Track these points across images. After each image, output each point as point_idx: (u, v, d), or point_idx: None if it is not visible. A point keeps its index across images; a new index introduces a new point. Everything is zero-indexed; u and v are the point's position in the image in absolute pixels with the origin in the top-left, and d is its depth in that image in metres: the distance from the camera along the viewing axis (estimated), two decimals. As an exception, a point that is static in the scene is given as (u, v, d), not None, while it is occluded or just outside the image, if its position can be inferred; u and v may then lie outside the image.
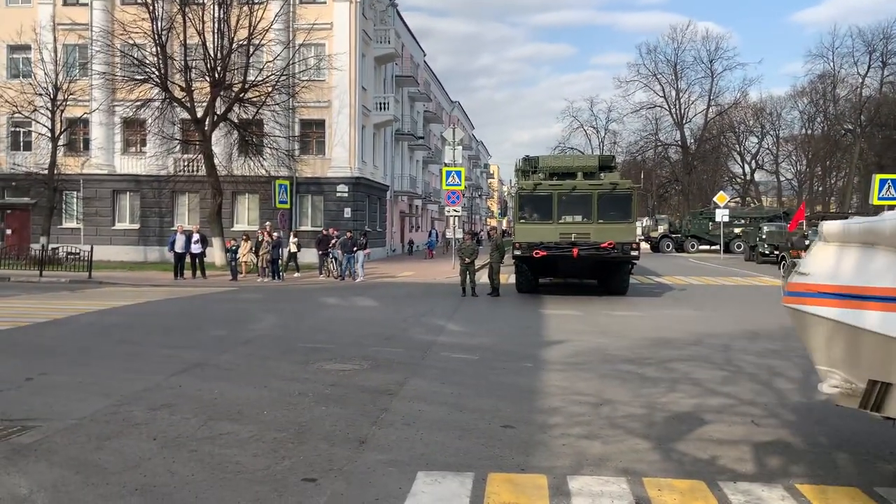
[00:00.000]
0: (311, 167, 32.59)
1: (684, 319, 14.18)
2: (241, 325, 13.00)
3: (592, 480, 5.02)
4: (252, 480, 4.99)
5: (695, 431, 6.30)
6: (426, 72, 54.69)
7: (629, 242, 17.39)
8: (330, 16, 32.53)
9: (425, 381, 8.29)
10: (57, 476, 5.05)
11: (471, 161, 79.52)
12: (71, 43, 32.52)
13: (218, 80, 27.23)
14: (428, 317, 14.43)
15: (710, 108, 67.66)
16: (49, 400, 7.26)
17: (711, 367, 9.26)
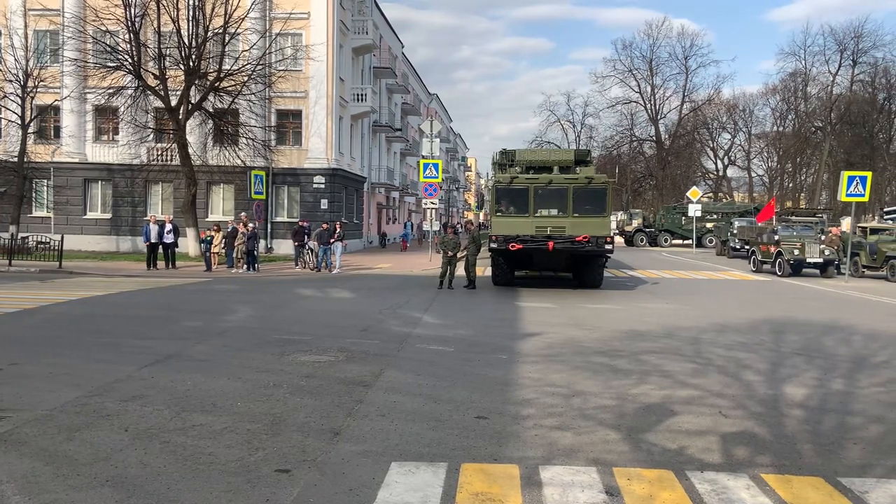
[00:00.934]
0: (287, 158, 32.38)
1: (656, 312, 14.37)
2: (215, 317, 12.91)
3: (563, 470, 5.10)
4: (225, 471, 4.99)
5: (664, 422, 6.42)
6: (404, 64, 54.50)
7: (603, 236, 17.55)
8: (307, 5, 32.26)
9: (401, 372, 8.33)
10: (27, 467, 5.01)
11: (448, 154, 79.54)
12: (42, 29, 31.92)
13: (192, 68, 26.90)
14: (404, 309, 14.46)
15: (685, 104, 68.47)
16: (19, 390, 7.17)
17: (682, 359, 9.42)
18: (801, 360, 9.56)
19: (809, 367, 9.08)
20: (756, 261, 26.19)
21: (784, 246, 24.14)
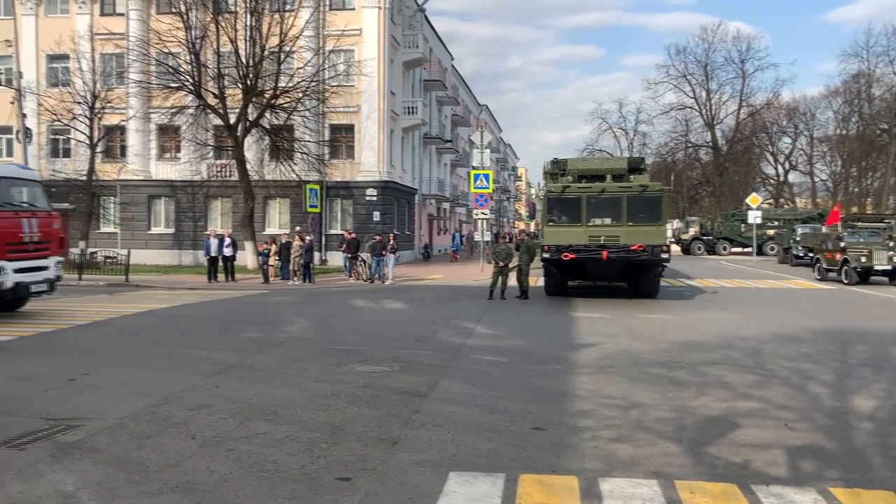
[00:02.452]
0: (340, 171, 32.93)
1: (715, 322, 14.06)
2: (273, 328, 13.22)
3: (624, 482, 5.05)
4: (288, 479, 5.12)
5: (726, 435, 6.29)
6: (454, 75, 54.87)
7: (659, 245, 17.28)
8: (359, 22, 32.86)
9: (455, 382, 8.37)
10: (101, 473, 5.24)
11: (499, 164, 79.52)
12: (108, 52, 33.34)
13: (250, 86, 27.67)
14: (457, 319, 14.51)
15: (742, 108, 66.79)
16: (91, 400, 7.50)
17: (743, 370, 9.19)
18: (869, 370, 9.23)
19: (878, 378, 8.75)
20: (821, 269, 25.35)
21: (850, 253, 23.29)
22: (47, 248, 14.62)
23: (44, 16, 34.50)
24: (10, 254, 13.45)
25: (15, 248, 13.62)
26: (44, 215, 14.60)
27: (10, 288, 13.55)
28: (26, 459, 5.52)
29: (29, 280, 13.96)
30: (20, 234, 13.78)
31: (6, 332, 12.33)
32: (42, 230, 14.33)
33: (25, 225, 13.92)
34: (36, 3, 34.39)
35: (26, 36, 33.00)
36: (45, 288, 14.63)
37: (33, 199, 14.64)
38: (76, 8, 34.13)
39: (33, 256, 14.16)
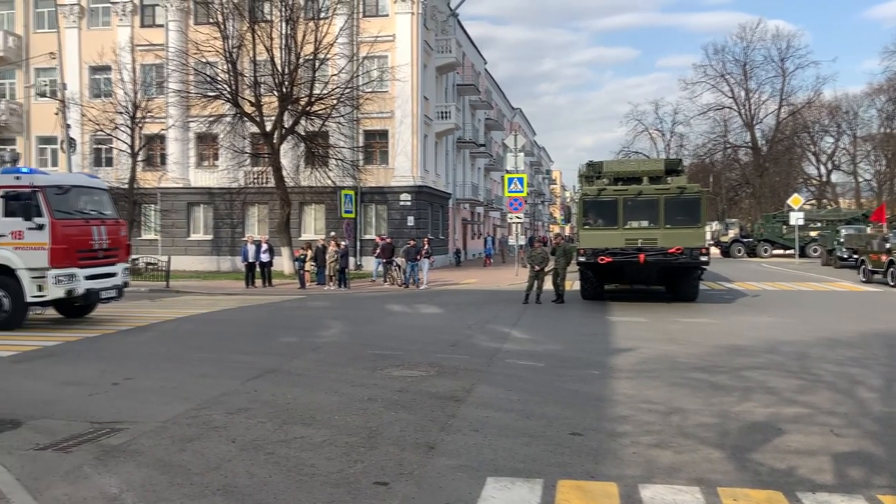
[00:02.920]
0: (374, 177, 33.14)
1: (758, 326, 13.77)
2: (310, 332, 13.33)
3: (665, 489, 4.97)
4: (326, 483, 5.14)
5: (771, 441, 6.14)
6: (487, 79, 54.86)
7: (698, 247, 17.00)
8: (392, 28, 33.07)
9: (492, 387, 8.33)
10: (144, 476, 5.33)
11: (533, 167, 79.24)
12: (148, 63, 34.10)
13: (286, 94, 28.04)
14: (492, 324, 14.46)
15: (782, 107, 65.32)
16: (134, 403, 7.64)
17: (787, 375, 8.98)
18: (920, 376, 8.93)
19: (931, 383, 8.46)
20: (866, 271, 24.64)
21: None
22: (115, 255, 14.97)
23: (86, 28, 35.44)
24: (81, 261, 13.81)
25: (86, 255, 13.97)
26: (111, 223, 14.94)
27: (82, 294, 13.91)
28: (72, 462, 5.64)
29: (99, 286, 14.32)
30: (90, 241, 14.14)
31: (53, 337, 12.67)
32: (110, 237, 14.68)
33: (95, 232, 14.29)
34: (79, 16, 35.36)
35: (70, 48, 33.95)
36: (114, 294, 14.97)
37: (101, 207, 15.00)
38: (117, 20, 35.01)
39: (102, 263, 14.51)
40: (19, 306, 13.49)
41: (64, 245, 13.43)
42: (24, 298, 13.38)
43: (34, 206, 13.29)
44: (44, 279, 13.30)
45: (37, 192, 13.36)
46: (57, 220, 13.42)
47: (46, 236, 13.28)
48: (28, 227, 13.26)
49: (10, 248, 13.38)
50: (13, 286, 13.39)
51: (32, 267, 13.30)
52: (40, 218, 13.28)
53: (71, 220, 13.84)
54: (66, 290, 13.52)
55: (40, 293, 13.38)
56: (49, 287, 13.32)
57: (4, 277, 13.41)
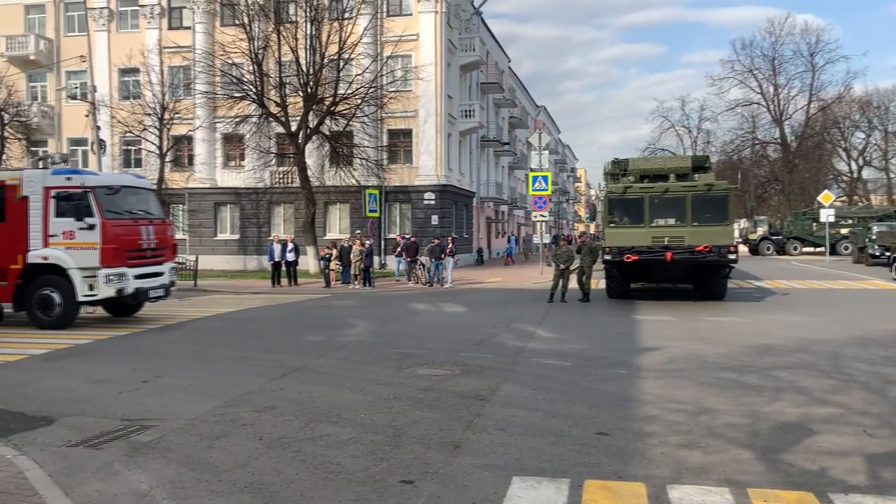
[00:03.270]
0: (398, 176, 33.21)
1: (788, 325, 13.54)
2: (335, 331, 13.40)
3: (693, 490, 4.90)
4: (353, 481, 5.16)
5: (802, 442, 6.03)
6: (511, 77, 54.67)
7: (726, 245, 16.78)
8: (416, 27, 33.10)
9: (517, 386, 8.30)
10: (173, 473, 5.39)
11: (557, 165, 78.78)
12: (175, 64, 34.56)
13: (310, 94, 28.21)
14: (517, 322, 14.41)
15: (812, 103, 64.15)
16: (163, 401, 7.74)
17: (819, 374, 8.82)
18: (957, 376, 8.71)
19: (968, 384, 8.25)
20: (898, 268, 24.12)
21: (931, 251, 22.09)
22: (162, 255, 15.19)
23: (115, 31, 36.01)
24: (130, 260, 13.99)
25: (134, 254, 14.17)
26: (158, 222, 15.17)
27: (131, 293, 14.12)
28: (103, 458, 5.73)
29: (147, 286, 14.52)
30: (139, 241, 14.34)
31: (84, 335, 12.88)
32: (157, 237, 14.89)
33: (143, 232, 14.49)
34: (108, 19, 35.94)
35: (99, 51, 34.52)
36: (162, 293, 15.18)
37: (149, 207, 15.20)
38: (145, 23, 35.50)
39: (150, 262, 14.71)
40: (71, 305, 13.67)
41: (114, 245, 13.59)
42: (76, 297, 13.55)
43: (85, 206, 13.45)
44: (95, 278, 13.48)
45: (88, 192, 13.51)
46: (107, 220, 13.57)
47: (97, 236, 13.44)
48: (79, 227, 13.43)
49: (62, 248, 13.57)
50: (65, 286, 13.56)
51: (83, 266, 13.47)
52: (91, 218, 13.43)
53: (120, 220, 14.00)
54: (116, 289, 13.71)
55: (91, 292, 13.56)
56: (100, 286, 13.50)
57: (56, 277, 13.60)
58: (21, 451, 5.86)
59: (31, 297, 13.73)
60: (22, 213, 13.76)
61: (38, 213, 13.68)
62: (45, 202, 13.69)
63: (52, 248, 13.62)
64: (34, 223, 13.69)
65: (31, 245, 13.70)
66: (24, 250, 13.71)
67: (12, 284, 13.76)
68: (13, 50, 35.78)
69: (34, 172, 14.41)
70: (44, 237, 13.65)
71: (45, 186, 13.74)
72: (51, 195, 13.69)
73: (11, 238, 13.72)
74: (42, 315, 13.69)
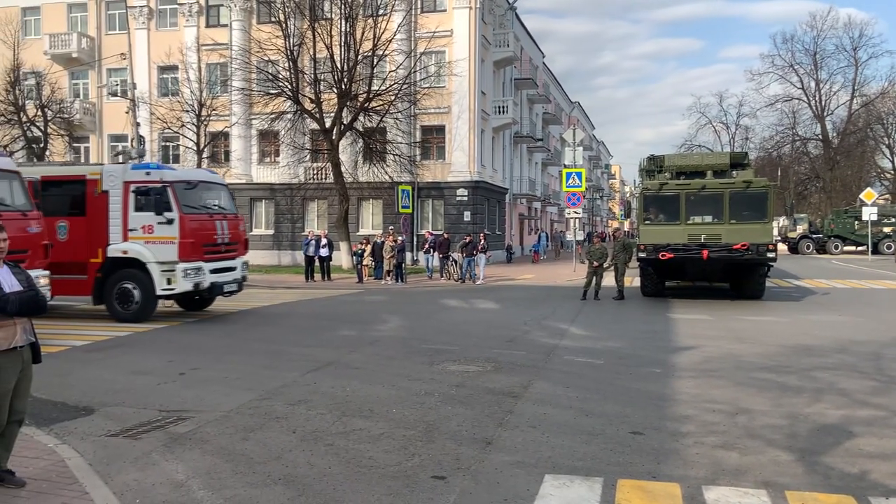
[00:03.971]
0: (431, 172, 33.23)
1: (828, 325, 13.24)
2: (368, 326, 13.48)
3: (730, 491, 4.82)
4: (385, 475, 5.18)
5: (842, 444, 5.89)
6: (545, 73, 54.33)
7: (765, 244, 16.46)
8: (450, 23, 33.06)
9: (549, 384, 8.25)
10: (209, 464, 5.48)
11: (591, 162, 78.13)
12: (213, 62, 35.05)
13: (345, 91, 28.37)
14: (550, 320, 14.33)
15: (855, 98, 62.62)
16: (199, 393, 7.87)
17: (860, 376, 8.61)
18: None
19: None
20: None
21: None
22: (235, 250, 15.27)
23: (155, 29, 36.64)
24: (206, 255, 14.09)
25: (210, 249, 14.27)
26: (232, 217, 15.27)
27: (207, 287, 14.21)
28: (141, 448, 5.85)
29: (222, 280, 14.62)
30: (214, 235, 14.43)
31: (123, 328, 13.14)
32: (231, 232, 14.98)
33: (218, 227, 14.58)
34: (147, 17, 36.59)
35: (139, 49, 35.17)
36: (235, 288, 15.28)
37: (222, 203, 15.31)
38: (184, 21, 36.07)
39: (225, 257, 14.80)
40: (149, 299, 13.80)
41: (192, 239, 13.68)
42: (155, 291, 13.68)
43: (164, 201, 13.55)
44: (173, 272, 13.55)
45: (167, 187, 13.62)
46: (185, 215, 13.67)
47: (176, 230, 13.54)
48: (158, 221, 13.54)
49: (141, 243, 13.72)
50: (143, 279, 13.69)
51: (162, 260, 13.58)
52: (170, 213, 13.53)
53: (197, 214, 14.11)
54: (193, 283, 13.78)
55: (169, 286, 13.64)
56: (178, 280, 13.57)
57: (135, 271, 13.74)
58: (62, 440, 6.00)
59: (110, 290, 13.87)
60: (102, 208, 13.90)
61: (118, 207, 13.82)
62: (124, 197, 13.83)
63: (131, 242, 13.77)
64: (114, 217, 13.84)
65: (110, 239, 13.84)
66: (104, 244, 13.85)
67: (92, 278, 13.89)
68: (56, 48, 36.65)
69: (114, 167, 14.57)
70: (123, 231, 13.81)
71: (125, 181, 13.88)
72: (130, 190, 13.83)
73: (92, 232, 13.88)
74: (121, 309, 13.83)
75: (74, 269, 13.62)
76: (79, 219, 14.04)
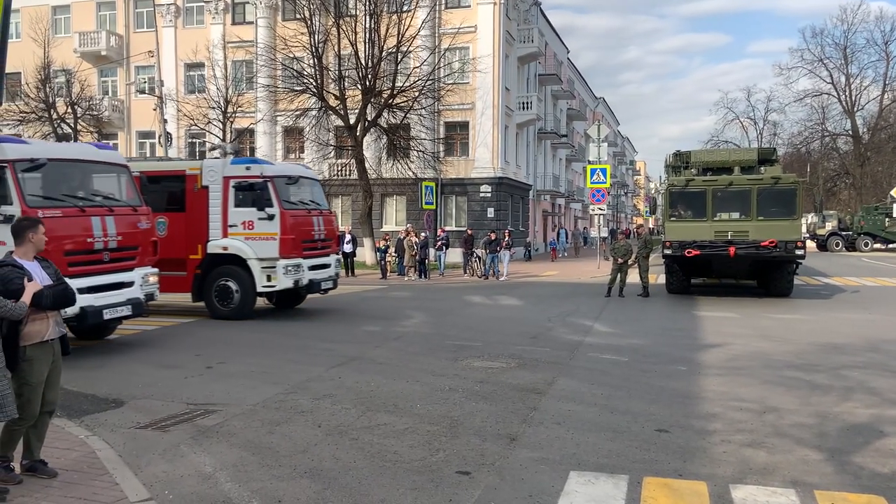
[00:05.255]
0: (455, 168, 33.22)
1: (857, 323, 13.02)
2: (391, 322, 13.53)
3: (758, 490, 4.77)
4: (409, 470, 5.21)
5: (873, 444, 5.80)
6: (569, 69, 53.98)
7: (793, 241, 16.21)
8: (474, 19, 32.98)
9: (574, 381, 8.22)
10: (236, 456, 5.54)
11: (616, 158, 77.51)
12: (238, 59, 35.31)
13: (369, 87, 28.44)
14: (574, 316, 14.27)
15: (886, 93, 61.34)
16: (226, 387, 7.96)
17: (890, 375, 8.46)
18: None
19: None
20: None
21: None
22: (329, 246, 15.01)
23: (182, 27, 37.05)
24: (305, 251, 13.86)
25: (308, 245, 14.02)
26: (326, 213, 15.03)
27: (305, 285, 13.94)
28: (170, 441, 5.93)
29: (319, 277, 14.32)
30: (312, 231, 14.20)
31: (151, 322, 13.30)
32: (326, 228, 14.73)
33: (315, 223, 14.32)
34: (175, 15, 37.01)
35: (166, 47, 35.59)
36: (331, 285, 14.95)
37: (318, 198, 15.03)
38: (210, 18, 36.43)
39: (321, 254, 14.53)
40: (249, 296, 13.61)
41: (292, 235, 13.42)
42: (255, 288, 13.50)
43: (265, 196, 13.29)
44: (273, 269, 13.33)
45: (268, 182, 13.35)
46: (286, 211, 13.43)
47: (276, 226, 13.29)
48: (259, 217, 13.31)
49: (241, 239, 13.49)
50: (242, 276, 13.51)
51: (262, 257, 13.35)
52: (271, 208, 13.28)
53: (296, 210, 13.86)
54: (293, 280, 13.54)
55: (270, 283, 13.41)
56: (278, 277, 13.33)
57: (235, 268, 13.56)
58: (93, 432, 6.11)
59: (209, 287, 13.73)
60: (202, 204, 13.70)
61: (218, 203, 13.60)
62: (224, 192, 13.59)
63: (231, 238, 13.56)
64: (214, 213, 13.63)
65: (210, 235, 13.64)
66: (203, 240, 13.67)
67: (191, 275, 13.72)
68: (85, 46, 37.21)
69: (214, 162, 14.31)
70: (223, 227, 13.60)
71: (225, 176, 13.62)
72: (230, 185, 13.58)
73: (191, 228, 13.70)
74: (220, 306, 13.70)
75: (173, 265, 13.20)
76: (178, 214, 13.78)
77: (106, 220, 9.72)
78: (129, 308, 10.11)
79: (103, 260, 9.76)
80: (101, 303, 9.61)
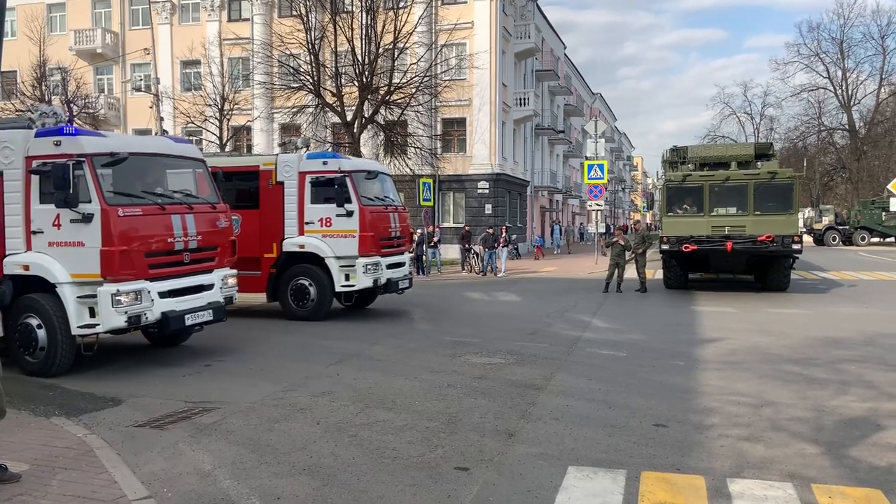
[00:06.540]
0: (452, 165, 33.19)
1: (854, 317, 13.05)
2: (389, 318, 13.53)
3: (755, 484, 4.79)
4: (408, 466, 5.22)
5: (870, 437, 5.82)
6: (566, 65, 53.94)
7: (790, 235, 16.24)
8: (471, 15, 32.94)
9: (572, 376, 8.24)
10: (235, 454, 5.55)
11: (613, 154, 77.55)
12: (235, 56, 35.28)
13: (366, 84, 28.37)
14: (572, 312, 14.28)
15: (883, 87, 61.41)
16: (225, 384, 7.97)
17: (887, 368, 8.49)
18: None
19: None
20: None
21: None
22: (404, 244, 14.38)
23: (177, 24, 36.98)
24: (382, 249, 13.28)
25: (385, 243, 13.39)
26: (401, 209, 14.37)
27: (384, 284, 13.30)
28: (168, 439, 5.94)
29: (396, 276, 13.67)
30: (389, 228, 13.57)
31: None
32: (401, 225, 14.09)
33: (392, 220, 13.72)
34: (170, 12, 36.92)
35: (162, 44, 35.53)
36: (407, 284, 14.26)
37: (392, 194, 14.40)
38: (206, 16, 36.35)
39: (396, 252, 13.91)
40: (326, 296, 13.00)
41: (371, 232, 12.83)
42: (333, 288, 12.89)
43: (344, 192, 12.63)
44: (352, 268, 12.74)
45: (346, 177, 12.73)
46: (365, 207, 12.81)
47: (355, 223, 12.67)
48: (337, 213, 12.67)
49: (318, 236, 12.88)
50: (319, 275, 12.93)
51: (341, 255, 12.75)
52: (350, 204, 12.65)
53: (374, 206, 13.23)
54: (373, 279, 12.93)
55: (348, 282, 12.81)
56: (358, 276, 12.74)
57: (311, 266, 12.98)
58: (91, 430, 6.11)
59: (284, 287, 13.16)
60: (277, 200, 13.06)
61: (294, 199, 12.98)
62: (300, 188, 12.96)
63: (308, 235, 12.92)
64: (289, 210, 13.00)
65: (286, 233, 13.03)
66: (278, 238, 13.06)
67: (266, 274, 13.16)
68: (81, 43, 37.11)
69: (289, 157, 13.43)
70: (299, 224, 12.97)
71: (301, 171, 12.98)
72: (307, 180, 12.94)
73: (266, 226, 13.10)
74: (296, 306, 13.11)
75: (247, 264, 12.33)
76: (251, 211, 13.12)
77: (186, 218, 8.99)
78: (211, 313, 9.32)
79: (184, 261, 9.03)
80: (182, 307, 8.87)
